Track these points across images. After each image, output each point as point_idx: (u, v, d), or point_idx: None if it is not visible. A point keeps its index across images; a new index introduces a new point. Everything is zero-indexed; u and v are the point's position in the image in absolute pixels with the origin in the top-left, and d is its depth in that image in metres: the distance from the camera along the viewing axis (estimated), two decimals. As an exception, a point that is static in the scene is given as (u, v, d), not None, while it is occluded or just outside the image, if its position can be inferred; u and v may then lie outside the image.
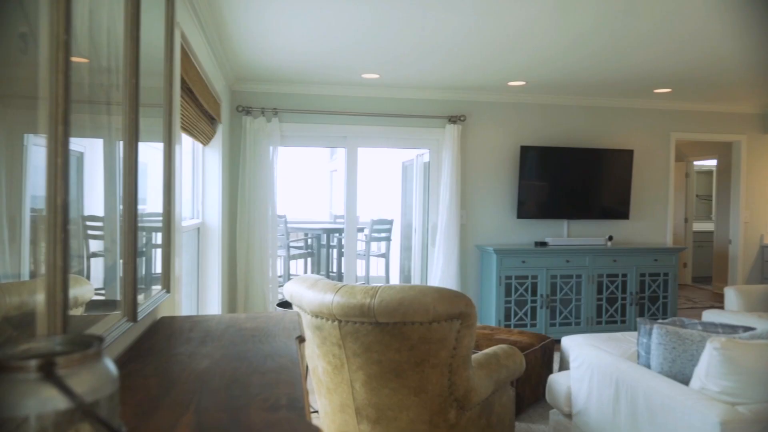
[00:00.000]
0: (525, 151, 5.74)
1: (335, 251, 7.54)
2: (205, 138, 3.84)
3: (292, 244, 7.68)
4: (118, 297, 1.67)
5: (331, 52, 4.22)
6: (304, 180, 13.21)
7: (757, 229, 6.56)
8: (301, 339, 1.85)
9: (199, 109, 3.38)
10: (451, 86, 5.47)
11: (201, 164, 4.24)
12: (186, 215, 3.94)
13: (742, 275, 6.54)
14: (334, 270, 7.46)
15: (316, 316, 2.59)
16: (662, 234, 6.27)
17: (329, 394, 2.78)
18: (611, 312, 5.62)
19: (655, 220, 6.25)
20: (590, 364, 2.68)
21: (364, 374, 2.55)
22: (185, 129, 3.06)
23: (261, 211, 5.21)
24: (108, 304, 1.63)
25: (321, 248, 7.48)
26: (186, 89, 2.92)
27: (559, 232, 6.00)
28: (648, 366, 2.50)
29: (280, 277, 7.22)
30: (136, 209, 1.74)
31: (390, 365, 2.49)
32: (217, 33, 3.63)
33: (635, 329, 5.63)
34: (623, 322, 5.64)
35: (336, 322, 2.51)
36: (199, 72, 3.29)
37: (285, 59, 4.43)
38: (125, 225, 1.68)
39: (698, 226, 9.79)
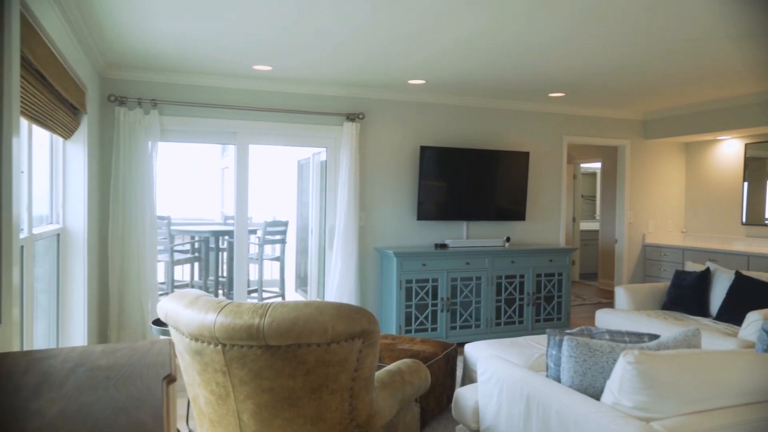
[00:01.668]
0: (424, 151, 5.62)
1: (225, 255, 7.05)
2: (65, 130, 3.31)
3: (177, 248, 7.08)
4: None
5: (217, 39, 3.81)
6: (193, 178, 12.44)
7: (640, 229, 6.90)
8: (170, 379, 1.50)
9: (55, 96, 2.87)
10: (349, 82, 5.22)
11: (61, 160, 3.67)
12: (39, 214, 3.38)
13: (627, 272, 6.84)
14: (224, 275, 6.97)
15: (196, 340, 2.22)
16: (556, 234, 6.40)
17: (212, 426, 2.42)
18: (510, 313, 5.64)
19: (549, 221, 6.37)
20: (499, 379, 2.53)
21: (253, 404, 2.23)
22: (34, 119, 2.56)
23: (138, 213, 4.67)
24: None
25: (210, 252, 6.95)
26: (33, 72, 2.43)
27: (459, 234, 5.94)
28: (558, 379, 2.38)
29: (162, 284, 6.63)
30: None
31: (283, 393, 2.18)
32: (79, 9, 3.12)
33: (533, 329, 5.69)
34: (521, 322, 5.67)
35: (219, 347, 2.16)
36: (54, 53, 2.78)
37: (165, 45, 3.95)
38: None
39: (584, 225, 10.27)
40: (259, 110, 5.17)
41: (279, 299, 7.00)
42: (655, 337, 2.44)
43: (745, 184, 6.41)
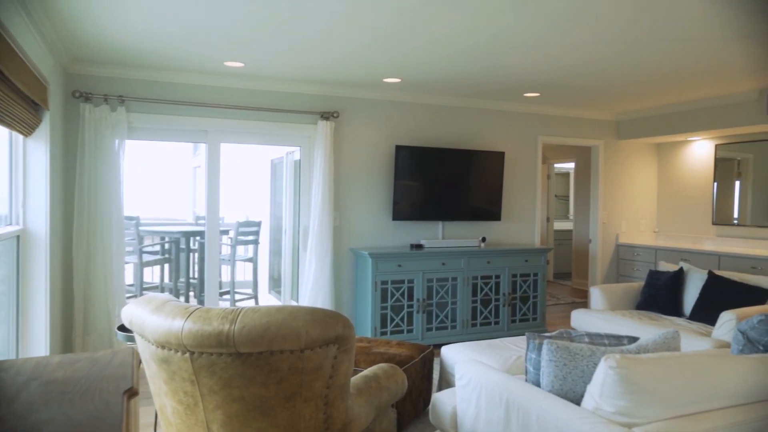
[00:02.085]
0: (400, 150, 5.55)
1: (196, 256, 6.89)
2: (24, 127, 3.15)
3: (146, 249, 6.90)
4: None
5: (186, 33, 3.69)
6: (164, 177, 12.17)
7: (613, 229, 6.94)
8: (131, 393, 1.40)
9: (13, 91, 2.72)
10: (323, 80, 5.13)
11: (21, 159, 3.50)
12: None
13: (601, 272, 6.88)
14: (196, 277, 6.81)
15: (163, 347, 2.12)
16: (531, 234, 6.40)
17: (181, 437, 2.31)
18: (485, 314, 5.61)
19: (524, 221, 6.36)
20: (477, 383, 2.47)
21: (223, 414, 2.13)
22: (-11, 114, 2.42)
23: (104, 213, 4.50)
24: None
25: (180, 253, 6.78)
26: (-12, 63, 2.29)
27: (435, 234, 5.89)
28: (537, 383, 2.34)
29: (131, 286, 6.45)
30: None
31: (255, 402, 2.09)
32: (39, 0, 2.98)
33: (509, 330, 5.67)
34: (497, 323, 5.65)
35: (187, 354, 2.06)
36: (11, 46, 2.64)
37: (132, 39, 3.81)
38: None
39: (557, 225, 10.33)
40: (231, 108, 5.04)
41: (252, 302, 6.87)
42: (634, 339, 2.42)
43: (715, 184, 6.49)
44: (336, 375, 2.18)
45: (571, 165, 10.07)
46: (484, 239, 5.85)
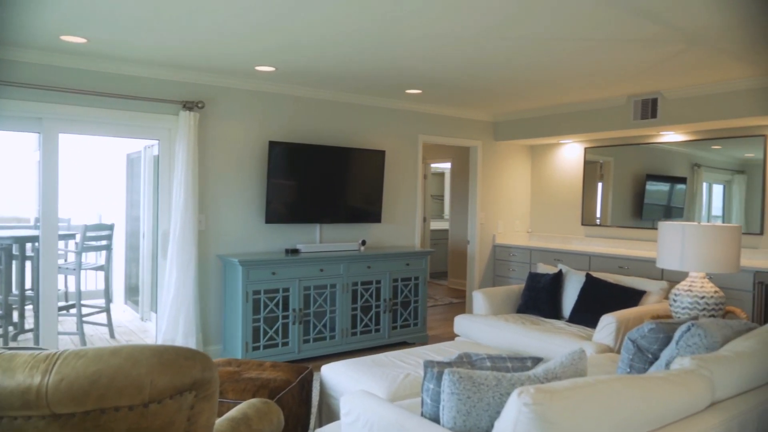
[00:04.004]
0: (273, 147, 5.08)
1: (34, 264, 5.90)
2: None
3: (-32, 257, 5.78)
4: None
5: (5, -5, 2.97)
6: (-2, 172, 10.56)
7: (490, 229, 6.97)
8: None
9: None
10: (186, 65, 4.52)
11: None
12: None
13: (479, 273, 6.87)
14: (32, 288, 5.83)
15: (-57, 411, 1.53)
16: (411, 236, 6.21)
17: None
18: (366, 321, 5.30)
19: (404, 222, 6.15)
20: (367, 421, 2.12)
21: (35, 493, 1.59)
22: None
23: None
24: None
25: (14, 261, 5.77)
26: None
27: (312, 238, 5.48)
28: (435, 417, 2.04)
29: (-54, 303, 5.36)
30: None
31: (80, 476, 1.58)
32: None
33: (390, 337, 5.43)
34: (378, 330, 5.37)
35: (-21, 419, 1.50)
36: None
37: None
38: None
39: (433, 225, 10.35)
40: (72, 92, 4.28)
41: (103, 316, 6.02)
42: (537, 360, 2.21)
43: (584, 186, 6.72)
44: (194, 429, 1.72)
45: (446, 165, 10.13)
46: (364, 242, 5.55)
